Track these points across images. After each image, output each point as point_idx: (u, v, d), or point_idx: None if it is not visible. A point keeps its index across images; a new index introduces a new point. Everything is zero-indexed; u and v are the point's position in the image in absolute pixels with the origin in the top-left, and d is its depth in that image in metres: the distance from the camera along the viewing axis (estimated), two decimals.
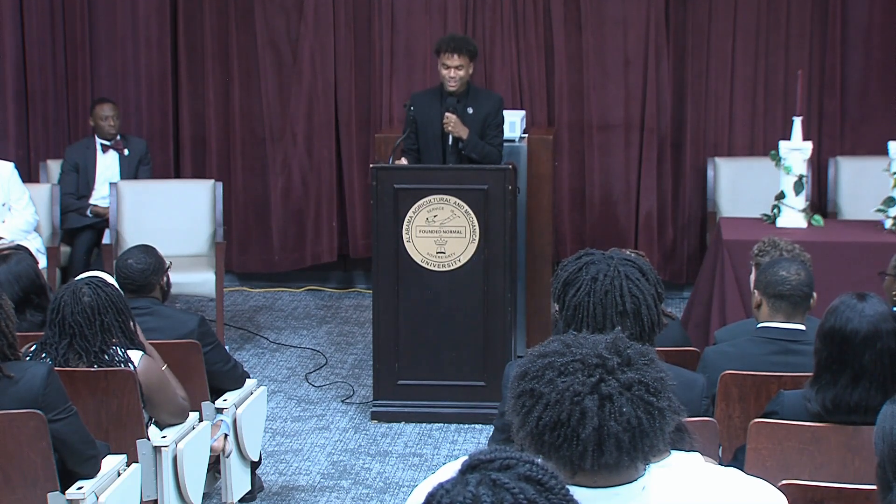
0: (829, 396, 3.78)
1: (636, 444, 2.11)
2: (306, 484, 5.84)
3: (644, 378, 2.14)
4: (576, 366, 2.14)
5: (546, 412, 2.12)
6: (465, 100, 6.86)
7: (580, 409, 2.10)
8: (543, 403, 2.13)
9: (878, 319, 3.74)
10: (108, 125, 8.15)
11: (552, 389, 2.13)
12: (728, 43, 8.58)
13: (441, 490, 1.79)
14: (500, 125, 6.94)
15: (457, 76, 6.79)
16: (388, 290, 6.50)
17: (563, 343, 2.20)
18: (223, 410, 5.11)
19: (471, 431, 6.47)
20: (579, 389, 2.11)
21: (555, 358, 2.17)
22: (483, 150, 6.80)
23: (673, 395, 2.18)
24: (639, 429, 2.11)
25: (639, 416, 2.11)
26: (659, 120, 8.65)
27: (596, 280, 3.17)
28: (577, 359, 2.15)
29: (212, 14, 8.84)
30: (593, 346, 2.18)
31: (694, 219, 8.75)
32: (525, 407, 2.15)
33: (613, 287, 3.16)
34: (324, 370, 7.42)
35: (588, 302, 3.16)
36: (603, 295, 3.16)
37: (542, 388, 2.14)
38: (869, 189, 7.59)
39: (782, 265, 4.55)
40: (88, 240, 8.01)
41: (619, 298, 3.15)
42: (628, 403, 2.11)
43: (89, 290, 4.46)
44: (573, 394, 2.11)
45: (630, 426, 2.10)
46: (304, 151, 8.91)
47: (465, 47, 6.81)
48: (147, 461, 4.56)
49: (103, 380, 4.44)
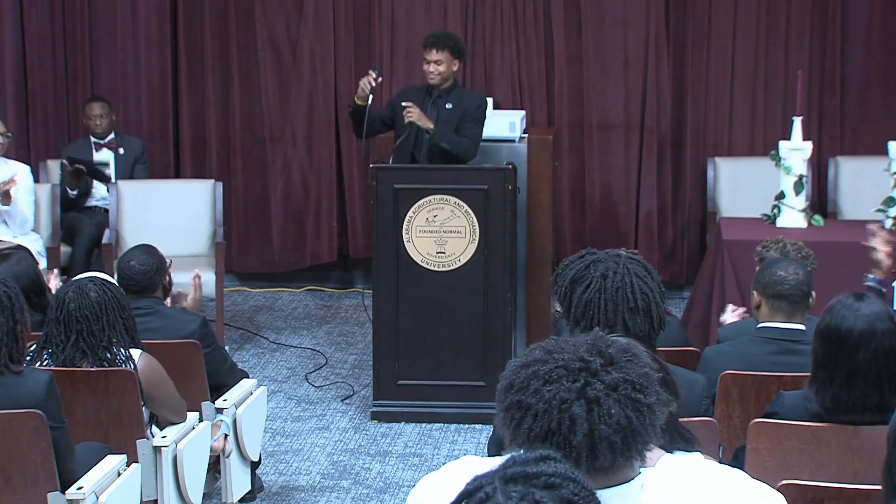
0: (827, 396, 3.78)
1: (629, 444, 2.10)
2: (306, 484, 5.84)
3: (629, 376, 2.12)
4: (559, 372, 2.12)
5: (535, 423, 2.10)
6: (447, 96, 6.86)
7: (569, 416, 2.08)
8: (532, 414, 2.10)
9: (873, 319, 3.74)
10: (94, 124, 8.20)
11: (539, 399, 2.10)
12: (728, 43, 8.59)
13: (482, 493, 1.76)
14: (479, 121, 6.84)
15: (436, 70, 6.80)
16: (388, 290, 6.51)
17: (544, 350, 2.18)
18: (223, 410, 5.11)
19: (471, 431, 6.47)
20: (566, 396, 2.09)
21: (538, 367, 2.14)
22: (453, 139, 6.71)
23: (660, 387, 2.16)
24: (629, 428, 2.09)
25: (628, 416, 2.09)
26: (659, 120, 8.65)
27: (606, 277, 3.18)
28: (560, 365, 2.13)
29: (212, 14, 8.84)
30: (574, 349, 2.15)
31: (694, 219, 8.76)
32: (514, 420, 2.13)
33: (624, 284, 3.18)
34: (324, 370, 7.42)
35: (599, 298, 3.17)
36: (614, 292, 3.17)
37: (528, 399, 2.11)
38: (869, 189, 7.59)
39: (780, 265, 4.55)
40: (88, 240, 8.01)
41: (631, 295, 3.17)
42: (616, 404, 2.09)
43: (95, 286, 4.48)
44: (560, 401, 2.09)
45: (620, 427, 2.08)
46: (304, 151, 8.91)
47: (446, 43, 6.82)
48: (147, 461, 4.56)
49: (103, 380, 4.44)
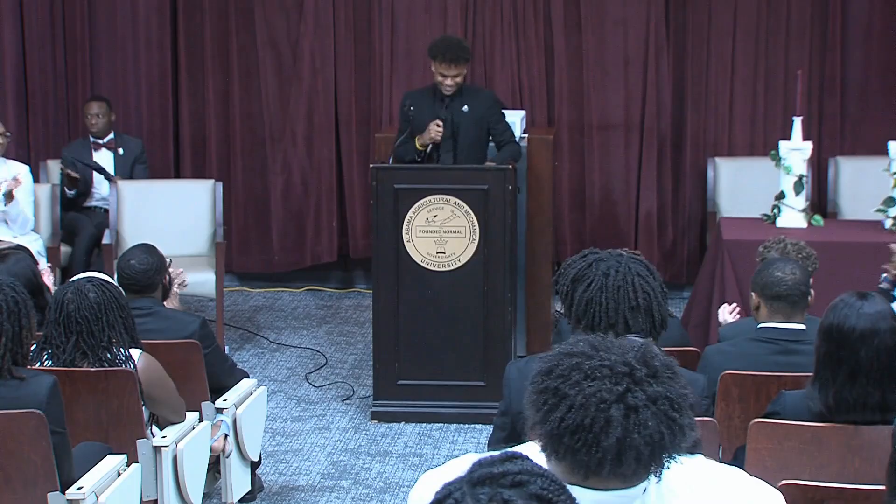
0: (830, 394, 3.79)
1: (654, 458, 2.09)
2: (306, 484, 5.84)
3: (669, 393, 2.11)
4: (604, 371, 2.10)
5: (569, 414, 2.08)
6: (460, 98, 6.86)
7: (605, 416, 2.07)
8: (567, 405, 2.09)
9: (876, 318, 3.76)
10: (90, 123, 8.22)
11: (578, 392, 2.09)
12: (728, 43, 8.58)
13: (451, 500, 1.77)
14: (503, 119, 6.94)
15: (454, 84, 6.80)
16: (388, 290, 6.51)
17: (590, 345, 2.16)
18: (223, 410, 5.11)
19: (471, 431, 6.47)
20: (606, 397, 2.08)
21: (582, 360, 2.13)
22: (506, 155, 6.81)
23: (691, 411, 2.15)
24: (660, 444, 2.08)
25: (661, 432, 2.08)
26: (659, 120, 8.65)
27: (608, 275, 3.19)
28: (606, 364, 2.11)
29: (212, 14, 8.84)
30: (621, 352, 2.14)
31: (694, 219, 8.76)
32: (547, 405, 2.11)
33: (626, 283, 3.18)
34: (324, 370, 7.42)
35: (601, 297, 3.18)
36: (615, 290, 3.17)
37: (567, 388, 2.10)
38: (869, 189, 7.58)
39: (776, 266, 4.55)
40: (88, 240, 8.01)
41: (632, 294, 3.17)
42: (653, 417, 2.08)
43: (94, 287, 4.48)
44: (599, 400, 2.07)
45: (652, 440, 2.07)
46: (304, 151, 8.91)
47: (462, 56, 6.80)
48: (147, 461, 4.56)
49: (103, 380, 4.44)
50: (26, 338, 4.09)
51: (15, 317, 4.04)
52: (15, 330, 4.04)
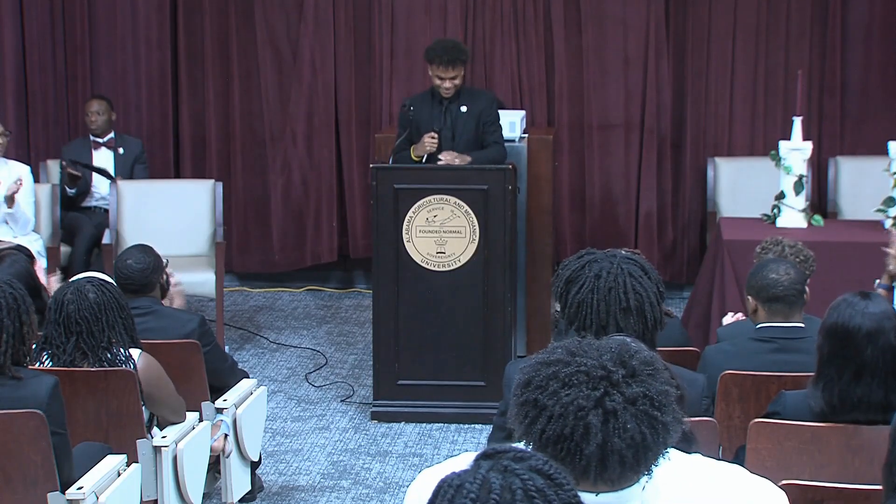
0: (835, 392, 3.80)
1: (639, 459, 2.09)
2: (306, 484, 5.84)
3: (649, 391, 2.10)
4: (580, 377, 2.10)
5: (549, 425, 2.08)
6: (458, 99, 6.86)
7: (584, 424, 2.06)
8: (547, 416, 2.09)
9: (881, 317, 3.78)
10: (90, 120, 8.22)
11: (556, 402, 2.09)
12: (728, 43, 8.59)
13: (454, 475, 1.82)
14: (497, 120, 6.92)
15: (452, 86, 6.80)
16: (388, 290, 6.51)
17: (567, 351, 2.16)
18: (223, 410, 5.11)
19: (471, 431, 6.47)
20: (583, 404, 2.07)
21: (559, 367, 2.12)
22: (487, 156, 6.78)
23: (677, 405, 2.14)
24: (642, 444, 2.08)
25: (643, 432, 2.07)
26: (659, 120, 8.65)
27: (599, 277, 3.18)
28: (582, 370, 2.11)
29: (212, 14, 8.84)
30: (598, 355, 2.13)
31: (694, 219, 8.76)
32: (528, 417, 2.11)
33: (617, 284, 3.17)
34: (324, 370, 7.42)
35: (592, 299, 3.17)
36: (606, 292, 3.16)
37: (545, 399, 2.10)
38: (869, 189, 7.59)
39: (770, 267, 4.54)
40: (88, 240, 8.02)
41: (623, 295, 3.16)
42: (633, 419, 2.07)
43: (94, 287, 4.49)
44: (577, 408, 2.07)
45: (634, 442, 2.07)
46: (304, 151, 8.91)
47: (459, 58, 6.79)
48: (147, 461, 4.56)
49: (103, 380, 4.44)
50: (28, 334, 4.09)
51: (15, 313, 4.04)
52: (16, 326, 4.04)
